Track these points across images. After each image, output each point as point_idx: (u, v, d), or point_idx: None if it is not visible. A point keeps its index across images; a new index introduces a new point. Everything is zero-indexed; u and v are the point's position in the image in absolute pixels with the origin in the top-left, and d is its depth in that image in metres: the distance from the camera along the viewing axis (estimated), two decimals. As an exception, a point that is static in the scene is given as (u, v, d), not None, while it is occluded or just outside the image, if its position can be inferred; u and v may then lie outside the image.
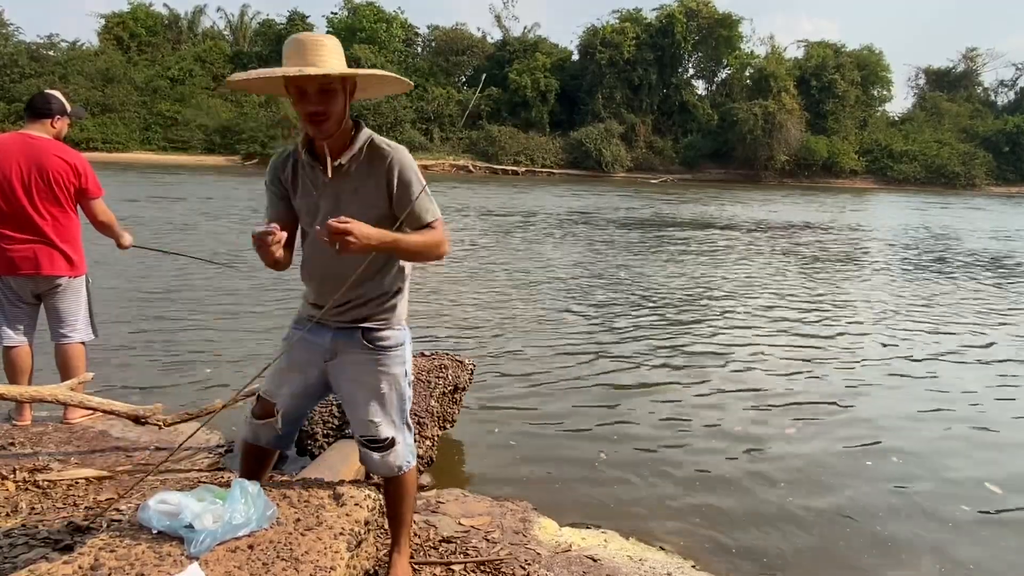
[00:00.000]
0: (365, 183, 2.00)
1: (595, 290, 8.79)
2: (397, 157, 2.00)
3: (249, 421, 2.26)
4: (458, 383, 3.81)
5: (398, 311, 2.15)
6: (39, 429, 3.50)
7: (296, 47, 1.88)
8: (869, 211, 26.09)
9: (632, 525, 3.17)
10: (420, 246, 1.99)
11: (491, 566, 2.53)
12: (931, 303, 8.72)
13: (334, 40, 1.93)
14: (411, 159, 2.03)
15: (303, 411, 2.31)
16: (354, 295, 2.05)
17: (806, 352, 6.26)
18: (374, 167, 1.99)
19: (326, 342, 2.11)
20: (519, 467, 3.79)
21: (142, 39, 46.32)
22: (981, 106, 55.88)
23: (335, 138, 1.96)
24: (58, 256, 3.43)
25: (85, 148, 33.00)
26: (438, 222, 2.04)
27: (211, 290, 7.74)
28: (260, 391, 2.24)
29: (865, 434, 4.41)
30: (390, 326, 2.13)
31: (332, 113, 1.90)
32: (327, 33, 2.24)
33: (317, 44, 1.88)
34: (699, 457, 4.00)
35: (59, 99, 3.47)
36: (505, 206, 20.50)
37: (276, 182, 2.10)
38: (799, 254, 12.97)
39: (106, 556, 1.72)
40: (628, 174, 44.14)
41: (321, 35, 1.91)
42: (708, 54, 50.40)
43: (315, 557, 1.80)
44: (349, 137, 2.00)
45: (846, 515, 3.38)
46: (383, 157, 1.99)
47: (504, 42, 50.66)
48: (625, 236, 14.81)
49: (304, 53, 1.86)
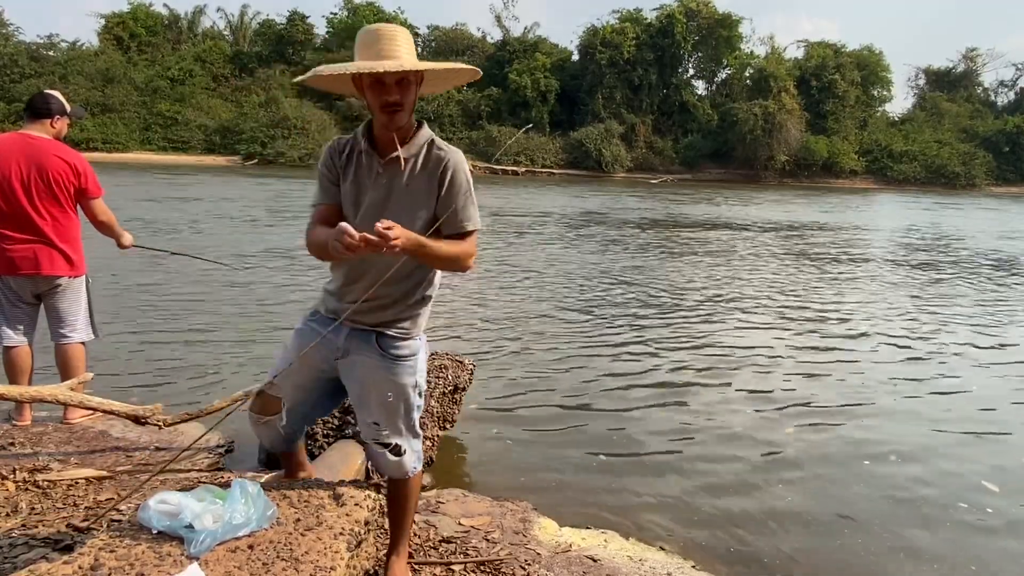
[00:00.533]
0: (418, 181, 1.99)
1: (596, 290, 8.79)
2: (455, 160, 2.00)
3: (251, 420, 2.24)
4: (458, 383, 3.81)
5: (419, 320, 2.13)
6: (39, 429, 3.49)
7: (372, 38, 1.91)
8: (872, 211, 26.10)
9: (632, 525, 3.17)
10: (447, 254, 1.95)
11: (491, 566, 2.53)
12: (938, 303, 8.72)
13: (405, 32, 1.95)
14: (466, 164, 2.03)
15: (307, 409, 2.26)
16: (381, 293, 2.01)
17: (808, 353, 6.26)
18: (430, 167, 1.99)
19: (339, 340, 2.08)
20: (519, 467, 3.79)
21: (142, 39, 46.28)
22: (981, 106, 55.84)
23: (399, 132, 1.97)
24: (58, 256, 3.43)
25: (85, 148, 32.98)
26: (474, 234, 2.03)
27: (212, 290, 7.74)
28: (264, 387, 2.19)
29: (866, 435, 4.41)
30: (408, 335, 2.10)
31: (407, 104, 1.93)
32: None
33: (393, 36, 1.91)
34: (700, 458, 4.00)
35: (58, 99, 3.47)
36: (506, 206, 20.50)
37: (331, 166, 2.08)
38: (803, 254, 12.97)
39: (106, 556, 1.72)
40: (628, 174, 44.11)
41: (395, 26, 1.95)
42: (708, 54, 50.36)
43: (315, 557, 1.80)
44: (411, 133, 2.01)
45: (846, 516, 3.38)
46: (441, 158, 1.99)
47: (504, 42, 50.61)
48: (626, 236, 14.80)
49: (381, 45, 1.89)
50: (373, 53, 1.89)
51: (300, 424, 2.30)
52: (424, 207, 1.99)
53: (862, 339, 6.82)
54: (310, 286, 8.19)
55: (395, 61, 1.87)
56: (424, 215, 1.98)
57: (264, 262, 9.66)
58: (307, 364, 2.11)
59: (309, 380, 2.16)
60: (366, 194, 2.01)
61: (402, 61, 1.88)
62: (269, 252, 10.51)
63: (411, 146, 2.00)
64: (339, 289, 2.10)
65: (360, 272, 2.04)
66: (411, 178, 1.99)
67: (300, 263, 9.71)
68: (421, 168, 2.00)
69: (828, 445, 4.22)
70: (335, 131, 39.52)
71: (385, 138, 1.99)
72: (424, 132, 2.03)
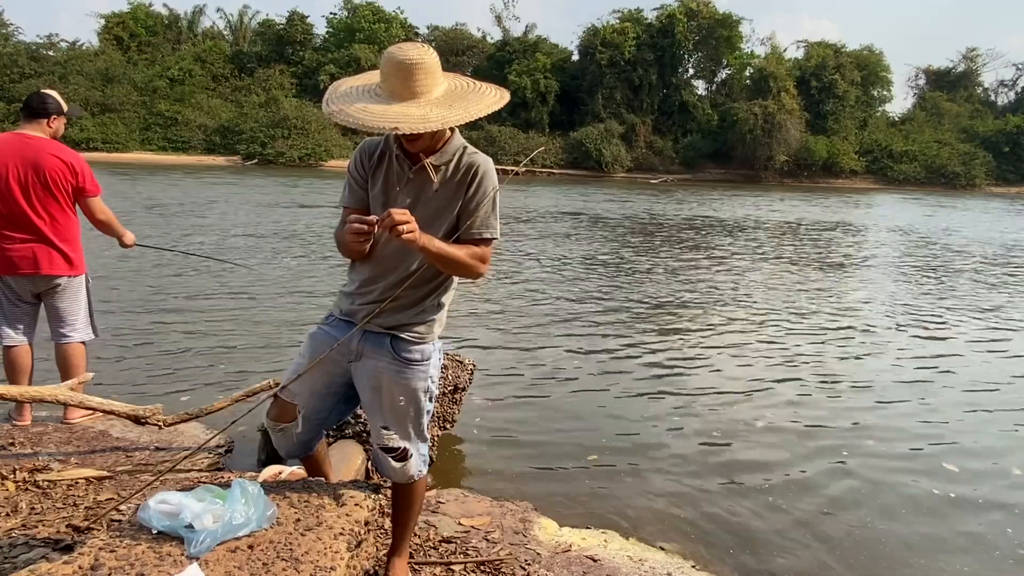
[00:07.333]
0: (447, 188, 1.98)
1: (596, 290, 8.79)
2: (484, 167, 1.99)
3: (268, 427, 2.23)
4: (458, 383, 3.81)
5: (434, 326, 2.12)
6: (39, 429, 3.49)
7: (394, 69, 1.83)
8: (874, 210, 26.11)
9: (632, 525, 3.18)
10: (461, 259, 1.93)
11: (491, 566, 2.53)
12: (943, 303, 8.72)
13: (432, 57, 1.86)
14: (494, 173, 2.02)
15: (324, 415, 2.23)
16: (397, 296, 1.99)
17: (810, 353, 6.26)
18: (460, 174, 1.98)
19: (353, 342, 2.07)
20: (519, 467, 3.79)
21: (142, 39, 46.29)
22: (981, 106, 55.81)
23: (428, 140, 1.93)
24: (57, 256, 3.42)
25: (85, 148, 33.00)
26: (491, 243, 2.02)
27: (213, 289, 7.74)
28: (279, 391, 2.18)
29: (867, 436, 4.41)
30: (422, 339, 2.08)
31: (426, 135, 1.89)
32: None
33: (415, 70, 1.82)
34: (700, 458, 4.00)
35: (55, 99, 3.46)
36: (506, 206, 20.48)
37: (360, 167, 2.06)
38: (806, 254, 12.97)
39: (106, 556, 1.72)
40: (628, 174, 44.11)
41: (419, 54, 1.83)
42: (708, 54, 50.33)
43: (315, 557, 1.80)
44: (443, 139, 1.98)
45: (846, 517, 3.38)
46: (471, 164, 1.98)
47: (504, 42, 50.59)
48: (626, 236, 14.80)
49: (403, 81, 1.82)
50: (392, 88, 1.83)
51: (317, 430, 2.28)
52: (449, 212, 1.99)
53: (863, 339, 6.82)
54: (311, 285, 8.19)
55: (410, 114, 1.79)
56: (448, 219, 1.98)
57: (266, 261, 9.66)
58: (321, 369, 2.09)
59: (323, 385, 2.15)
60: (395, 198, 1.99)
61: (424, 111, 1.80)
62: (270, 251, 10.51)
63: (443, 153, 1.98)
64: (355, 291, 2.09)
65: (377, 274, 2.03)
66: (442, 185, 1.98)
67: (301, 263, 9.71)
68: (452, 175, 1.98)
69: (830, 447, 4.22)
70: (335, 131, 39.52)
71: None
72: (457, 139, 2.01)
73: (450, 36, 50.63)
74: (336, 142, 39.64)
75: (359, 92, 1.89)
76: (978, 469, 4.00)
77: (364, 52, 43.82)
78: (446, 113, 1.82)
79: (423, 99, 1.84)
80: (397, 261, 1.99)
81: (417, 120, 1.78)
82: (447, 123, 1.81)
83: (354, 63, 42.17)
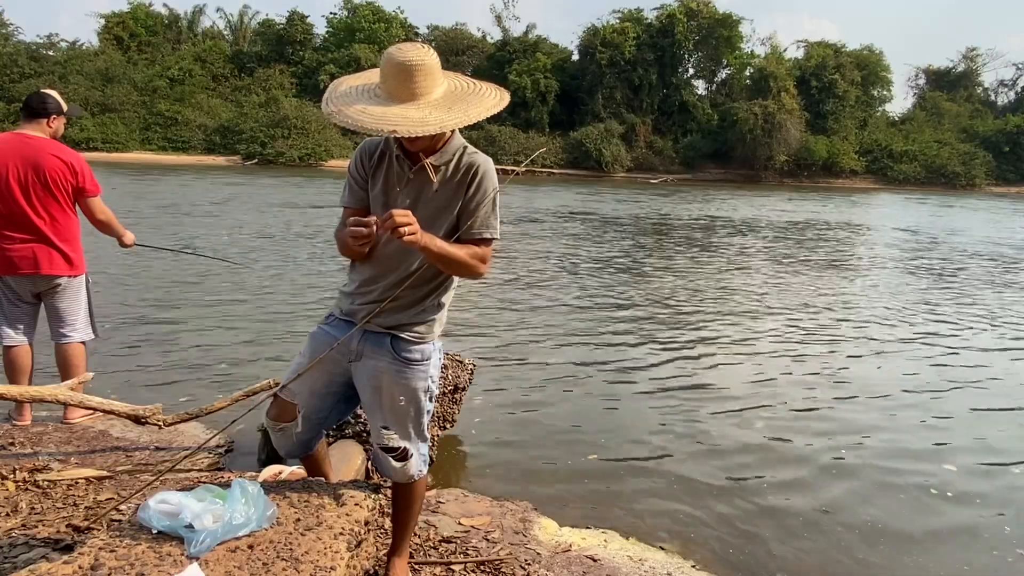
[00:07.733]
0: (447, 188, 1.98)
1: (597, 289, 8.79)
2: (484, 167, 1.99)
3: (268, 427, 2.23)
4: (458, 383, 3.81)
5: (434, 326, 2.11)
6: (39, 429, 3.49)
7: (394, 71, 1.82)
8: (879, 211, 26.11)
9: (632, 525, 3.17)
10: (461, 259, 1.93)
11: (491, 566, 2.53)
12: (950, 304, 8.72)
13: (432, 59, 1.85)
14: (495, 173, 2.02)
15: (324, 414, 2.23)
16: (398, 294, 1.99)
17: (812, 354, 6.26)
18: (460, 174, 1.98)
19: (353, 342, 2.07)
20: (519, 467, 3.79)
21: (142, 39, 46.31)
22: (981, 106, 55.81)
23: (428, 140, 1.93)
24: (57, 255, 3.43)
25: (85, 148, 33.00)
26: (491, 243, 2.02)
27: (213, 289, 7.74)
28: (279, 391, 2.18)
29: (867, 437, 4.41)
30: (422, 339, 2.08)
31: (425, 136, 1.87)
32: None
33: (415, 71, 1.81)
34: (700, 458, 4.00)
35: (55, 98, 3.46)
36: (506, 206, 20.48)
37: (360, 167, 2.06)
38: (809, 254, 12.96)
39: (106, 556, 1.72)
40: (628, 174, 44.10)
41: (419, 56, 1.82)
42: (708, 54, 50.33)
43: (315, 557, 1.80)
44: (443, 140, 1.98)
45: (846, 517, 3.38)
46: (472, 164, 1.98)
47: (504, 42, 50.58)
48: (626, 236, 14.80)
49: (402, 82, 1.82)
50: (392, 89, 1.83)
51: (317, 430, 2.27)
52: (449, 212, 1.98)
53: (864, 339, 6.82)
54: (312, 284, 8.19)
55: (408, 117, 1.79)
56: (448, 220, 1.98)
57: (267, 261, 9.66)
58: (321, 369, 2.09)
59: (323, 385, 2.15)
60: (395, 198, 1.99)
61: (423, 113, 1.80)
62: (271, 251, 10.51)
63: (443, 153, 1.98)
64: (355, 291, 2.09)
65: (377, 274, 2.03)
66: (440, 184, 1.98)
67: (302, 262, 9.71)
68: (452, 175, 1.98)
69: (830, 448, 4.22)
70: (335, 131, 39.50)
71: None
72: (457, 139, 2.01)
73: (450, 36, 50.62)
74: (336, 142, 39.62)
75: (358, 92, 1.89)
76: (978, 469, 4.00)
77: (364, 52, 43.79)
78: (445, 116, 1.82)
79: (422, 101, 1.84)
80: (397, 261, 2.00)
81: (415, 123, 1.78)
82: (446, 126, 1.81)
83: (354, 63, 42.13)
